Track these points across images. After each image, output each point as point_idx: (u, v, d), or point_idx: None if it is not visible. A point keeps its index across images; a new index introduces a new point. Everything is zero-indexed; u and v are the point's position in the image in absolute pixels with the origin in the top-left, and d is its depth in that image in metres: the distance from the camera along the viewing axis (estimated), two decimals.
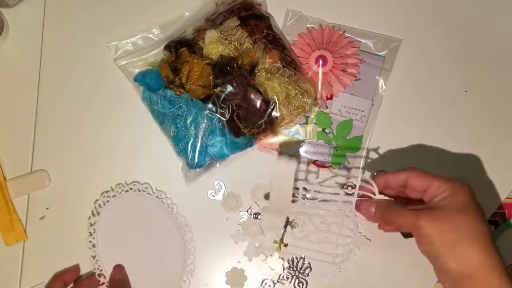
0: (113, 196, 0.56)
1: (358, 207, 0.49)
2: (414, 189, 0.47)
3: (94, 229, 0.55)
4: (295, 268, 0.56)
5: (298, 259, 0.56)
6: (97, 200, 0.56)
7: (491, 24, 0.60)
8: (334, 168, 0.58)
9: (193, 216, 0.57)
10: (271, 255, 0.56)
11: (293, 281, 0.56)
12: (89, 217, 0.56)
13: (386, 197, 0.49)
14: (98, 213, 0.55)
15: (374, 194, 0.49)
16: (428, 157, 0.58)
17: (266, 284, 0.56)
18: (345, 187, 0.57)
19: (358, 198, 0.48)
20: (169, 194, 0.57)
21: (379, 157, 0.58)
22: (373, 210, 0.47)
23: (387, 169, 0.58)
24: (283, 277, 0.56)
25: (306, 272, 0.56)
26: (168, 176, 0.57)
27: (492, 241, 0.43)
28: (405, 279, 0.56)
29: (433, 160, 0.58)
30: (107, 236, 0.55)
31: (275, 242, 0.56)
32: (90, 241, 0.55)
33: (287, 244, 0.56)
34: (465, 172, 0.58)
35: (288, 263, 0.56)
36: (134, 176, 0.57)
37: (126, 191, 0.56)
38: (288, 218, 0.56)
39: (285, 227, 0.56)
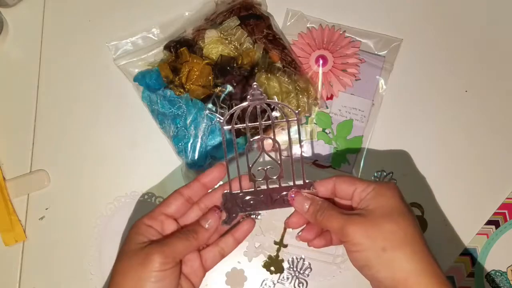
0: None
1: (292, 200, 0.46)
2: (342, 196, 0.45)
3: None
4: (295, 269, 0.56)
5: (298, 260, 0.56)
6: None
7: (491, 24, 0.60)
8: (334, 168, 0.58)
9: None
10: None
11: (293, 281, 0.56)
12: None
13: None
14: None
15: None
16: (428, 157, 0.58)
17: (266, 284, 0.56)
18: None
19: (295, 190, 0.46)
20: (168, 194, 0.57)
21: (379, 157, 0.58)
22: (307, 206, 0.44)
23: (387, 170, 0.58)
24: (283, 277, 0.56)
25: (306, 272, 0.56)
26: (168, 176, 0.57)
27: (423, 244, 0.40)
28: None
29: (433, 160, 0.58)
30: (110, 239, 0.56)
31: (275, 242, 0.56)
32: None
33: (287, 244, 0.56)
34: (466, 172, 0.58)
35: (288, 263, 0.56)
36: (134, 176, 0.57)
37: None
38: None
39: (285, 227, 0.56)
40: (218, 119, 0.49)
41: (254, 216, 0.49)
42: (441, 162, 0.58)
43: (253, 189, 0.46)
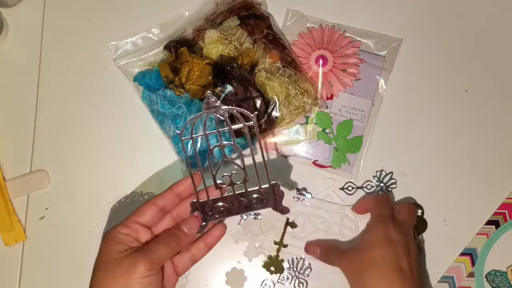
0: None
1: (306, 250, 0.55)
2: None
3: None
4: (295, 269, 0.56)
5: (298, 260, 0.56)
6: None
7: (491, 24, 0.60)
8: (334, 168, 0.58)
9: None
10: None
11: (293, 281, 0.56)
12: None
13: None
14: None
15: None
16: (428, 157, 0.58)
17: (266, 284, 0.56)
18: (345, 187, 0.57)
19: (307, 245, 0.55)
20: None
21: (379, 157, 0.58)
22: (318, 251, 0.53)
23: (387, 170, 0.58)
24: (283, 277, 0.56)
25: (307, 272, 0.56)
26: (168, 176, 0.57)
27: (394, 273, 0.46)
28: None
29: (433, 160, 0.58)
30: None
31: (275, 242, 0.56)
32: None
33: (287, 244, 0.56)
34: (466, 172, 0.58)
35: (289, 263, 0.56)
36: (134, 176, 0.57)
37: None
38: (288, 219, 0.56)
39: (285, 227, 0.56)
40: (177, 131, 0.49)
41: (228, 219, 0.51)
42: (441, 162, 0.58)
43: (220, 196, 0.47)
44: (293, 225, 0.56)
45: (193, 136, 0.46)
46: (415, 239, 0.52)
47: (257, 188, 0.47)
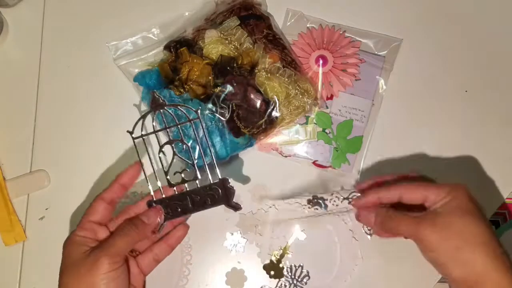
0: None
1: (358, 217, 0.50)
2: (410, 202, 0.47)
3: None
4: (293, 276, 0.56)
5: (297, 267, 0.56)
6: None
7: (491, 24, 0.60)
8: (334, 168, 0.58)
9: (192, 217, 0.56)
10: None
11: None
12: None
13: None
14: None
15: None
16: (429, 157, 0.58)
17: None
18: (349, 197, 0.57)
19: (358, 207, 0.50)
20: None
21: (379, 157, 0.58)
22: (373, 220, 0.48)
23: (387, 170, 0.58)
24: (281, 284, 0.56)
25: (304, 280, 0.55)
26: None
27: (497, 243, 0.42)
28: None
29: (433, 160, 0.58)
30: None
31: (280, 248, 0.56)
32: None
33: (290, 252, 0.56)
34: (466, 172, 0.58)
35: (287, 270, 0.56)
36: None
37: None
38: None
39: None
40: (128, 131, 0.50)
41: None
42: (440, 162, 0.58)
43: (174, 194, 0.49)
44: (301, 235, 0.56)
45: (143, 134, 0.49)
46: None
47: (208, 184, 0.48)
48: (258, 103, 0.54)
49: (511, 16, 0.61)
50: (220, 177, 0.48)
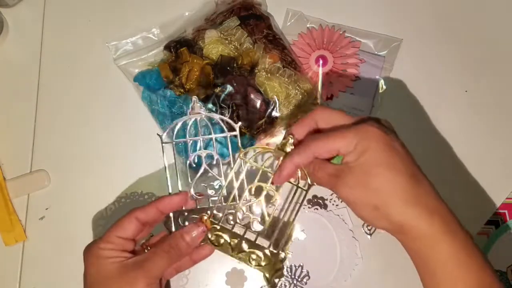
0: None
1: (279, 176, 0.44)
2: (328, 157, 0.43)
3: None
4: (293, 276, 0.55)
5: (297, 267, 0.56)
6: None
7: (491, 24, 0.60)
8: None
9: None
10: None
11: None
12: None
13: None
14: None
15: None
16: (428, 157, 0.58)
17: None
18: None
19: (281, 182, 0.45)
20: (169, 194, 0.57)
21: None
22: (299, 173, 0.44)
23: None
24: (281, 284, 0.56)
25: (304, 280, 0.55)
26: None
27: (416, 188, 0.40)
28: None
29: (433, 159, 0.58)
30: None
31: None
32: None
33: (289, 252, 0.56)
34: (466, 172, 0.58)
35: (287, 270, 0.55)
36: (134, 176, 0.57)
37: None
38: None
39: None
40: (158, 134, 0.48)
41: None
42: (440, 162, 0.58)
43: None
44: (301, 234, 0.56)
45: (174, 140, 0.46)
46: None
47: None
48: (258, 103, 0.54)
49: (511, 16, 0.61)
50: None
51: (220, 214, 0.45)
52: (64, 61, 0.60)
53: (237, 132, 0.46)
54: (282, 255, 0.44)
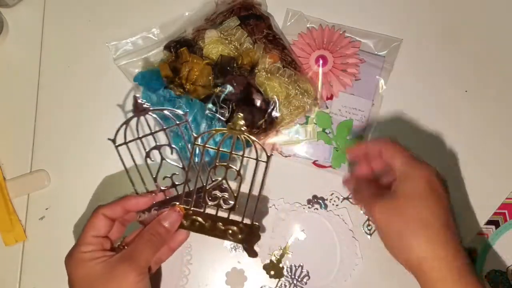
0: None
1: (344, 181, 0.52)
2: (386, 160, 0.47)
3: None
4: (293, 276, 0.55)
5: (297, 267, 0.56)
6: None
7: (491, 24, 0.60)
8: (334, 168, 0.58)
9: None
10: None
11: None
12: None
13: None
14: None
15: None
16: (429, 157, 0.58)
17: None
18: (349, 197, 0.57)
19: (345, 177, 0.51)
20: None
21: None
22: (352, 187, 0.49)
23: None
24: (281, 284, 0.56)
25: (304, 280, 0.55)
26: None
27: (441, 228, 0.41)
28: None
29: (433, 160, 0.58)
30: None
31: (280, 248, 0.56)
32: None
33: (290, 252, 0.56)
34: (466, 172, 0.58)
35: (287, 270, 0.55)
36: (133, 176, 0.57)
37: None
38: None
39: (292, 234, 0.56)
40: (109, 139, 0.49)
41: None
42: (441, 162, 0.58)
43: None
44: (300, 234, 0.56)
45: (126, 141, 0.48)
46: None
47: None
48: (258, 103, 0.54)
49: (511, 16, 0.61)
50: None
51: (190, 200, 0.47)
52: (64, 61, 0.60)
53: (185, 121, 0.47)
54: (256, 225, 0.47)
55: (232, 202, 0.47)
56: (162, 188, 0.48)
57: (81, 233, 0.45)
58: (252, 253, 0.48)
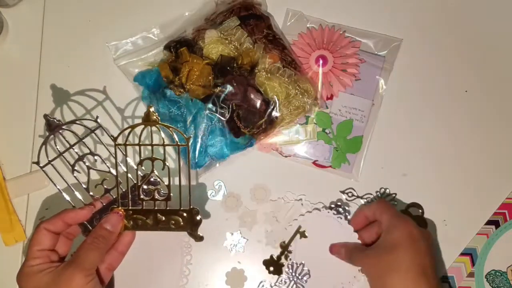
0: None
1: (331, 249, 0.54)
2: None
3: None
4: (294, 273, 0.55)
5: (298, 265, 0.56)
6: None
7: (491, 24, 0.60)
8: (334, 168, 0.58)
9: None
10: None
11: (291, 285, 0.55)
12: None
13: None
14: None
15: None
16: (428, 157, 0.58)
17: (263, 286, 0.56)
18: (346, 191, 0.57)
19: (332, 244, 0.54)
20: None
21: (379, 157, 0.58)
22: (343, 252, 0.53)
23: (387, 170, 0.58)
24: (281, 280, 0.56)
25: (305, 278, 0.55)
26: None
27: (418, 271, 0.46)
28: None
29: (433, 160, 0.58)
30: None
31: (281, 246, 0.56)
32: None
33: (291, 250, 0.55)
34: (466, 172, 0.58)
35: (288, 267, 0.55)
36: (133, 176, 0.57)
37: None
38: (300, 227, 0.56)
39: (295, 234, 0.55)
40: (33, 162, 0.50)
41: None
42: (441, 162, 0.58)
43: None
44: (303, 234, 0.55)
45: (49, 160, 0.50)
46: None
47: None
48: (258, 103, 0.54)
49: (511, 16, 0.61)
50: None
51: (126, 200, 0.48)
52: (64, 61, 0.60)
53: (99, 126, 0.50)
54: (196, 209, 0.48)
55: (165, 193, 0.48)
56: (97, 196, 0.50)
57: (27, 249, 0.47)
58: (198, 238, 0.49)
